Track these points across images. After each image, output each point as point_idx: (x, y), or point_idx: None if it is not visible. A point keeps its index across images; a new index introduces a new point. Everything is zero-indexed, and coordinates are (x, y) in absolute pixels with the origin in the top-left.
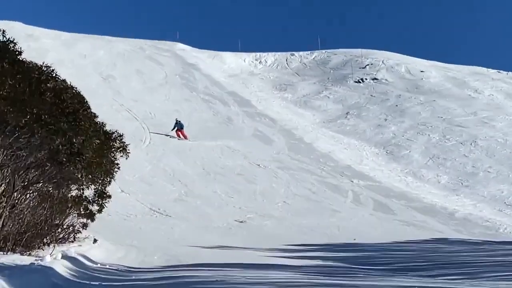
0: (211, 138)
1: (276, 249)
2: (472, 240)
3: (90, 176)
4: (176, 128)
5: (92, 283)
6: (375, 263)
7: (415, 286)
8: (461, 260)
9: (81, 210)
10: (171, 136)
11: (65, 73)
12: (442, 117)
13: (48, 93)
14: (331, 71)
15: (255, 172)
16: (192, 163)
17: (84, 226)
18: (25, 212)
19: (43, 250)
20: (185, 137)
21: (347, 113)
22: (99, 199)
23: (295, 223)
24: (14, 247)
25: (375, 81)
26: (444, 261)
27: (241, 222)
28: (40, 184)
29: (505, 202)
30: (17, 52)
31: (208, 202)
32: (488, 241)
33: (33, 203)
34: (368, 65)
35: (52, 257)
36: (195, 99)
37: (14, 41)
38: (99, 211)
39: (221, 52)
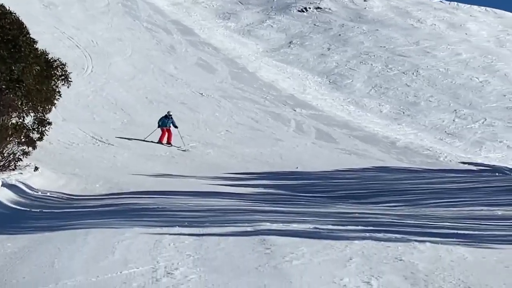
0: (154, 66)
1: (219, 177)
2: (412, 168)
3: (31, 104)
4: (161, 124)
5: (32, 210)
6: (317, 191)
7: (355, 213)
8: (401, 188)
9: (22, 137)
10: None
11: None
12: (384, 47)
13: None
14: (274, 0)
15: (198, 101)
16: (135, 92)
17: (25, 154)
18: None
19: None
20: (168, 142)
21: (290, 42)
22: (40, 127)
23: (238, 151)
24: None
25: (318, 10)
26: (385, 189)
27: (184, 150)
28: None
29: (445, 131)
30: None
31: (150, 130)
32: (428, 169)
33: None
34: None
35: None
36: (138, 27)
37: None
38: (40, 138)
39: None
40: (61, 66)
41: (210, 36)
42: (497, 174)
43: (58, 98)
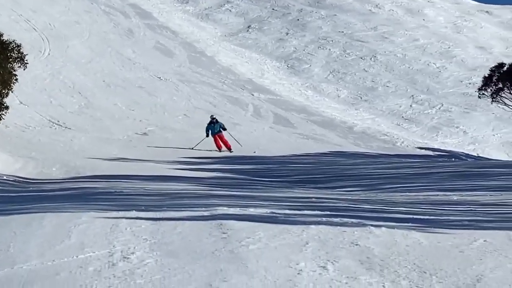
0: (112, 50)
1: (177, 162)
2: (369, 153)
3: None
4: (211, 132)
5: None
6: (274, 176)
7: (312, 197)
8: (358, 173)
9: None
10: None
11: None
12: (343, 32)
13: None
14: None
15: (156, 85)
16: (93, 75)
17: None
18: None
19: None
20: (227, 147)
21: (248, 27)
22: None
23: (196, 136)
24: None
25: None
26: (342, 174)
27: (141, 134)
28: None
29: (402, 116)
30: None
31: (108, 114)
32: (385, 154)
33: None
34: None
35: None
36: (96, 10)
37: None
38: None
39: None
40: (16, 48)
41: (169, 19)
42: (453, 159)
43: (15, 82)
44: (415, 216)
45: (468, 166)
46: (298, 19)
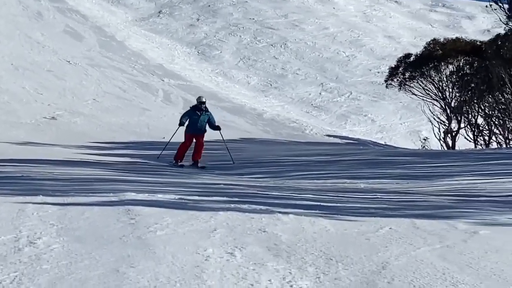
0: (20, 33)
1: (85, 146)
2: (278, 140)
3: None
4: (189, 125)
5: None
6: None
7: (220, 184)
8: (266, 160)
9: None
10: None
11: None
12: (253, 19)
13: None
14: None
15: (65, 69)
16: (0, 58)
17: None
18: None
19: None
20: (194, 159)
21: (159, 12)
22: None
23: (105, 121)
24: None
25: None
26: (251, 160)
27: (50, 119)
28: None
29: (312, 104)
30: None
31: (15, 98)
32: (294, 141)
33: None
34: None
35: None
36: None
37: None
38: None
39: None
40: None
41: (79, 3)
42: (361, 147)
43: None
44: (322, 204)
45: (376, 154)
46: (209, 5)
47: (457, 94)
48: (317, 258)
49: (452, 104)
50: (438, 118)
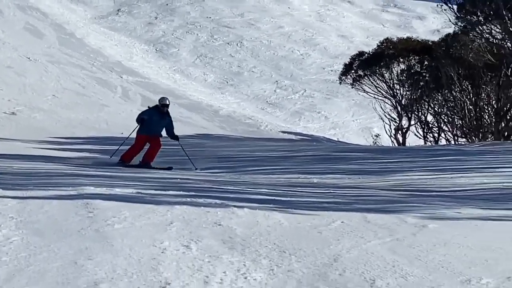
0: None
1: (44, 141)
2: (234, 136)
3: None
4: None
5: None
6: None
7: (177, 178)
8: (223, 155)
9: None
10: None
11: None
12: (210, 18)
13: None
14: None
15: (25, 66)
16: None
17: None
18: None
19: None
20: (146, 159)
21: (118, 10)
22: None
23: (64, 116)
24: None
25: None
26: (207, 155)
27: (10, 114)
28: None
29: (267, 101)
30: None
31: None
32: (249, 137)
33: None
34: None
35: None
36: None
37: None
38: None
39: None
40: None
41: (39, 1)
42: (314, 143)
43: None
44: (276, 198)
45: (328, 150)
46: (167, 4)
47: (408, 92)
48: (271, 251)
49: (403, 102)
50: (389, 115)
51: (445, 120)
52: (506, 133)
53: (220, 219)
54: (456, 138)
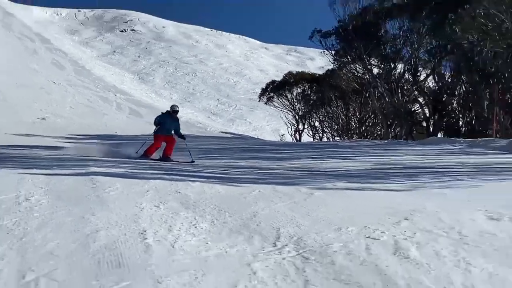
0: (23, 64)
1: (64, 137)
2: (190, 134)
3: None
4: (161, 128)
5: None
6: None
7: (151, 162)
8: (182, 147)
9: None
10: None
11: None
12: (175, 57)
13: None
14: (105, 23)
15: (51, 87)
16: (6, 77)
17: None
18: None
19: None
20: (166, 154)
21: (114, 51)
22: None
23: (78, 122)
24: None
25: (133, 31)
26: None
27: (41, 119)
28: None
29: (211, 112)
30: None
31: (19, 104)
32: (201, 135)
33: None
34: (129, 20)
35: None
36: (12, 38)
37: None
38: None
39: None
40: None
41: (61, 44)
42: (242, 139)
43: None
44: (218, 175)
45: (251, 144)
46: (146, 48)
47: (302, 107)
48: (212, 209)
49: (299, 113)
50: (291, 122)
51: (326, 125)
52: (365, 134)
53: (180, 189)
54: (333, 137)
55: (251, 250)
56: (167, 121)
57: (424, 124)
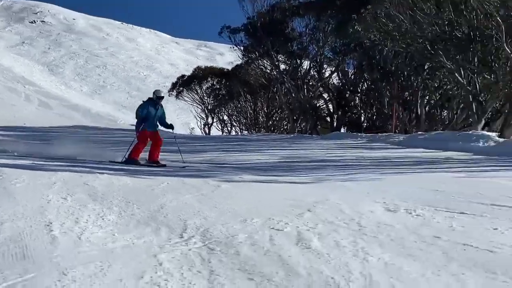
0: None
1: None
2: (100, 127)
3: None
4: (145, 121)
5: None
6: (38, 139)
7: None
8: (93, 139)
9: None
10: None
11: None
12: (86, 49)
13: None
14: (14, 13)
15: None
16: None
17: None
18: None
19: None
20: (153, 159)
21: (23, 42)
22: None
23: None
24: None
25: (43, 22)
26: (82, 139)
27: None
28: None
29: (122, 105)
30: None
31: None
32: (110, 128)
33: None
34: (38, 11)
35: None
36: None
37: None
38: None
39: None
40: None
41: None
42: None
43: None
44: (126, 167)
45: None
46: (56, 40)
47: (212, 101)
48: (120, 201)
49: (209, 107)
50: (200, 115)
51: (235, 119)
52: (272, 128)
53: (88, 180)
54: (241, 130)
55: (158, 241)
56: (152, 112)
57: (328, 119)
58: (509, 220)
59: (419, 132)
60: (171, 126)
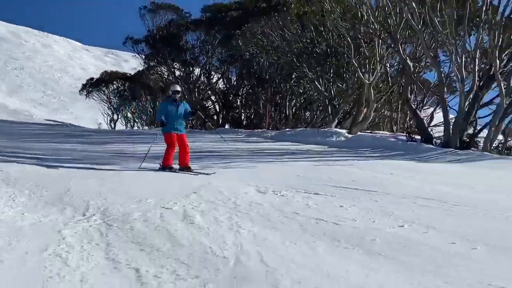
0: None
1: None
2: (18, 121)
3: None
4: (168, 123)
5: None
6: None
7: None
8: (23, 133)
9: None
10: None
11: None
12: (4, 53)
13: None
14: None
15: None
16: None
17: None
18: None
19: None
20: (185, 164)
21: None
22: None
23: None
24: None
25: None
26: (22, 132)
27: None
28: None
29: (38, 102)
30: None
31: None
32: (27, 122)
33: None
34: None
35: None
36: None
37: None
38: None
39: None
40: None
41: None
42: (64, 126)
43: None
44: (41, 156)
45: (72, 130)
46: None
47: (117, 101)
48: (31, 185)
49: (114, 106)
50: (107, 112)
51: (137, 116)
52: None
53: (3, 167)
54: (142, 126)
55: (62, 219)
56: (173, 111)
57: (215, 117)
58: (352, 199)
59: (287, 129)
60: (194, 113)
